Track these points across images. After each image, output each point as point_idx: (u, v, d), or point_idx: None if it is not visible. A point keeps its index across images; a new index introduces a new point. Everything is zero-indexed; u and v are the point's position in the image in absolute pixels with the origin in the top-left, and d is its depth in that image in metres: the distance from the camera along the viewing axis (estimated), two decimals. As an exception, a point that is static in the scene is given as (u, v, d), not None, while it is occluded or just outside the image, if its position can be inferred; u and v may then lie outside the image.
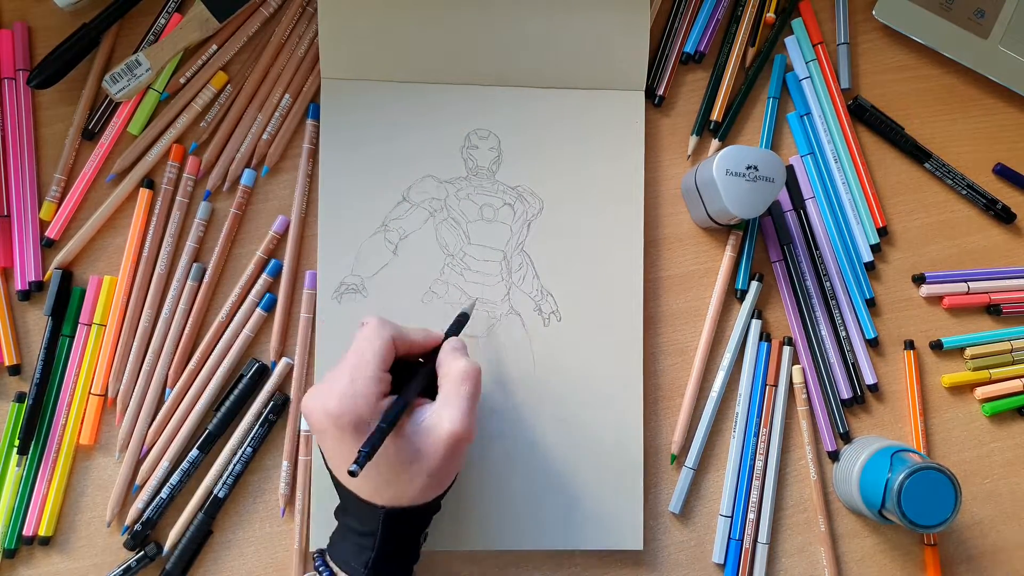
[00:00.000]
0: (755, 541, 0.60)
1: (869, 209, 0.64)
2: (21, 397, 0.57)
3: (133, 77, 0.57)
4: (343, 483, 0.48)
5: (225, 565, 0.57)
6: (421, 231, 0.59)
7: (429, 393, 0.49)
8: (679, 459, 0.61)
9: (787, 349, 0.62)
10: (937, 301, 0.64)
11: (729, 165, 0.56)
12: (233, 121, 0.60)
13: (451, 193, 0.60)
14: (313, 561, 0.49)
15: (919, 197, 0.65)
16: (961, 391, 0.64)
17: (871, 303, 0.63)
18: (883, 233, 0.64)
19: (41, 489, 0.56)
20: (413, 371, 0.50)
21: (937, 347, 0.63)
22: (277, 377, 0.58)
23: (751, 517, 0.60)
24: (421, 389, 0.49)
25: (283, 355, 0.59)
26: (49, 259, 0.58)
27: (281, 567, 0.57)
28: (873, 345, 0.63)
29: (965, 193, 0.65)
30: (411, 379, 0.49)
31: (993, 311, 0.64)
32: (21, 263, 0.58)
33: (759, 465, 0.61)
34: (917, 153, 0.65)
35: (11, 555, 0.56)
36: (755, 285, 0.62)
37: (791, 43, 0.65)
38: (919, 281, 0.64)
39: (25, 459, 0.56)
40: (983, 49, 0.65)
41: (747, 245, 0.62)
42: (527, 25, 0.60)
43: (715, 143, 0.63)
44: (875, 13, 0.64)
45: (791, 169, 0.64)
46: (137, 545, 0.56)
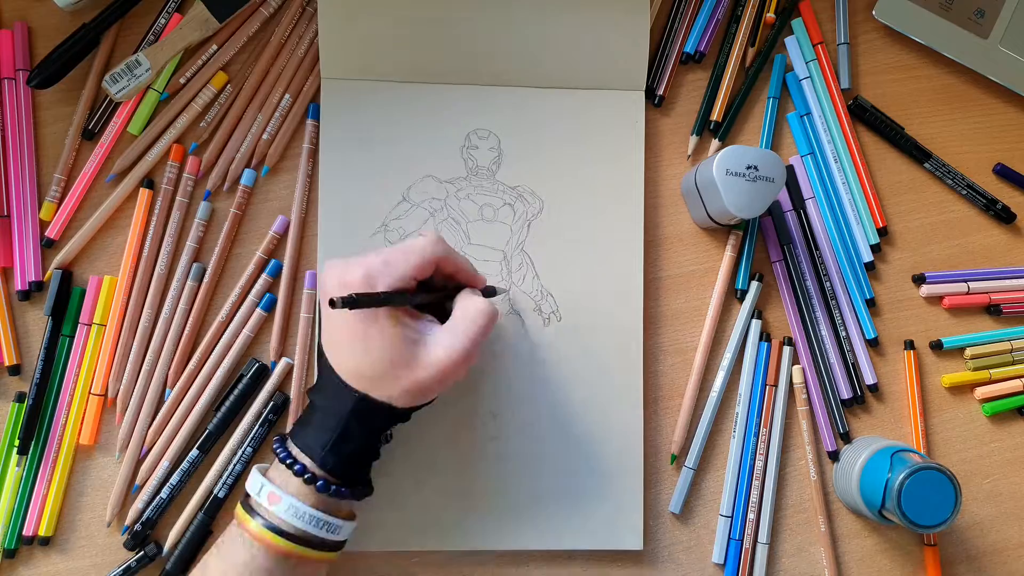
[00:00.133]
0: (755, 541, 0.60)
1: (869, 209, 0.64)
2: (21, 397, 0.57)
3: (133, 77, 0.57)
4: (328, 358, 0.48)
5: (225, 565, 0.57)
6: (421, 231, 0.59)
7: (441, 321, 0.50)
8: (679, 459, 0.61)
9: (787, 349, 0.62)
10: (937, 301, 0.64)
11: (729, 165, 0.56)
12: (233, 121, 0.60)
13: (451, 193, 0.60)
14: (273, 444, 0.49)
15: (919, 197, 0.65)
16: (961, 391, 0.64)
17: (871, 303, 0.63)
18: (883, 233, 0.64)
19: (41, 489, 0.56)
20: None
21: (937, 347, 0.63)
22: (277, 377, 0.58)
23: (751, 517, 0.60)
24: (431, 301, 0.50)
25: (283, 355, 0.59)
26: (49, 259, 0.58)
27: (281, 567, 0.57)
28: (873, 345, 0.63)
29: (965, 193, 0.65)
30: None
31: (993, 311, 0.64)
32: (21, 263, 0.58)
33: (759, 465, 0.61)
34: (917, 153, 0.65)
35: (11, 555, 0.56)
36: (755, 285, 0.62)
37: (791, 43, 0.65)
38: (919, 281, 0.64)
39: (25, 459, 0.56)
40: (983, 49, 0.65)
41: (747, 245, 0.62)
42: (527, 25, 0.60)
43: (715, 143, 0.63)
44: (875, 13, 0.64)
45: (791, 169, 0.64)
46: (137, 545, 0.56)
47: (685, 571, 0.60)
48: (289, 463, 0.47)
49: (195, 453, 0.57)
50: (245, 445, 0.57)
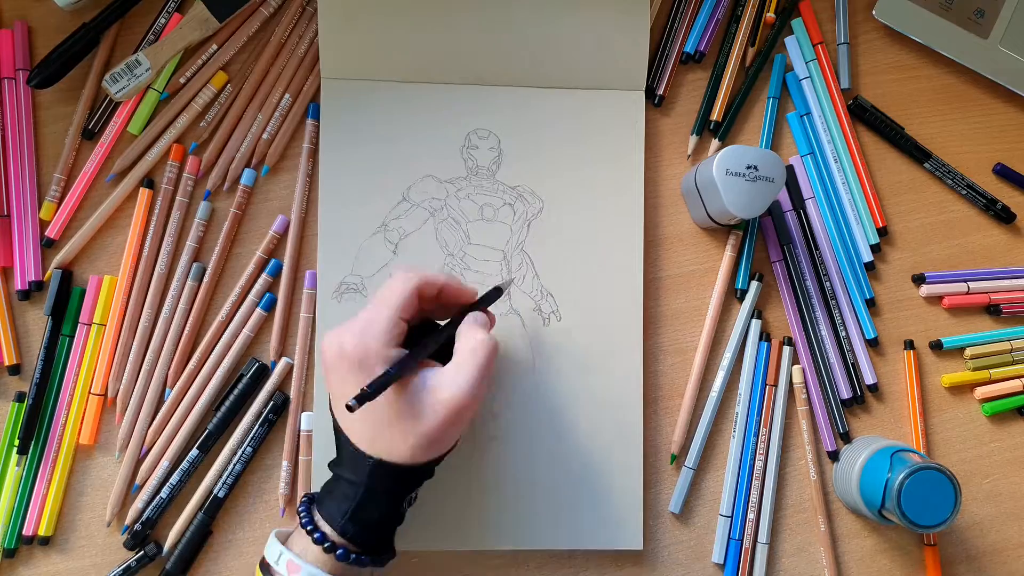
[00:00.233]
0: (755, 541, 0.60)
1: (869, 209, 0.64)
2: (21, 397, 0.57)
3: (133, 77, 0.57)
4: (341, 427, 0.48)
5: (225, 565, 0.57)
6: (421, 231, 0.59)
7: (444, 359, 0.49)
8: (679, 459, 0.61)
9: (787, 349, 0.62)
10: (937, 301, 0.64)
11: (729, 165, 0.56)
12: (233, 121, 0.60)
13: (451, 193, 0.60)
14: (298, 507, 0.49)
15: (919, 197, 0.65)
16: (961, 391, 0.64)
17: (871, 303, 0.63)
18: (883, 233, 0.64)
19: (41, 489, 0.56)
20: (432, 331, 0.50)
21: (937, 347, 0.63)
22: (277, 377, 0.58)
23: (751, 517, 0.60)
24: (435, 349, 0.49)
25: (283, 355, 0.59)
26: (49, 259, 0.58)
27: (281, 567, 0.57)
28: (873, 345, 0.63)
29: (965, 193, 0.65)
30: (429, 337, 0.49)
31: (993, 311, 0.64)
32: (21, 263, 0.58)
33: (759, 465, 0.61)
34: (917, 153, 0.65)
35: (11, 555, 0.56)
36: (755, 285, 0.62)
37: (791, 43, 0.65)
38: (919, 281, 0.64)
39: (25, 459, 0.56)
40: (983, 49, 0.65)
41: (747, 245, 0.62)
42: (527, 25, 0.60)
43: (715, 143, 0.63)
44: (875, 13, 0.64)
45: (791, 169, 0.64)
46: (137, 545, 0.56)
47: (685, 571, 0.60)
48: (310, 530, 0.47)
49: (195, 453, 0.57)
50: (245, 445, 0.57)
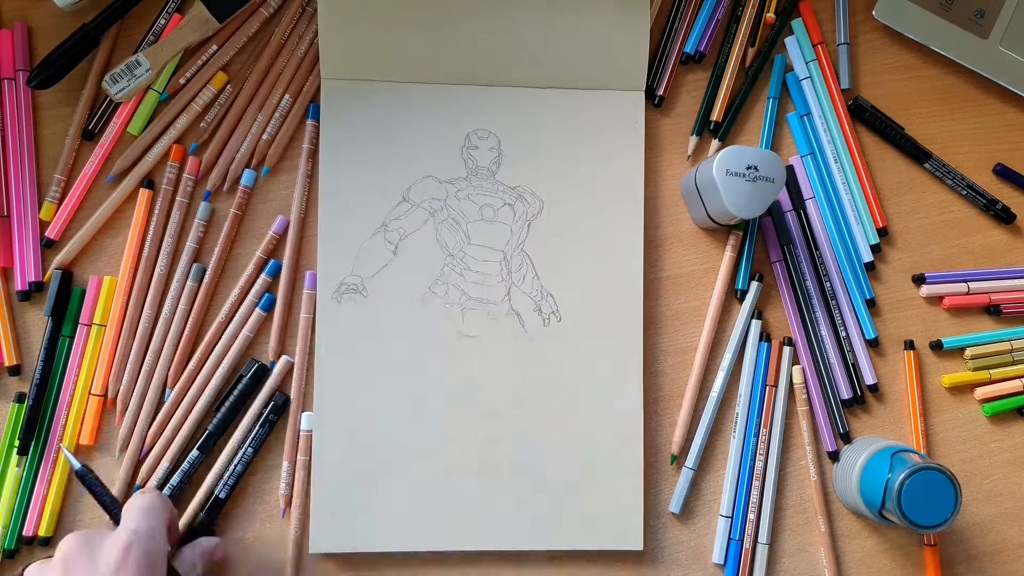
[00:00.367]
0: (755, 541, 0.60)
1: (869, 209, 0.64)
2: (21, 397, 0.57)
3: (133, 77, 0.57)
4: None
5: (226, 565, 0.57)
6: (421, 231, 0.59)
7: None
8: (679, 459, 0.61)
9: (787, 349, 0.62)
10: (937, 301, 0.64)
11: (729, 165, 0.56)
12: (233, 121, 0.60)
13: (451, 193, 0.60)
14: None
15: (919, 197, 0.65)
16: (961, 391, 0.64)
17: (871, 303, 0.63)
18: (883, 233, 0.64)
19: (41, 489, 0.56)
20: None
21: (937, 347, 0.63)
22: (276, 376, 0.58)
23: (751, 517, 0.60)
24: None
25: (283, 354, 0.59)
26: (49, 259, 0.58)
27: (282, 567, 0.57)
28: (873, 345, 0.63)
29: (965, 193, 0.65)
30: None
31: (993, 311, 0.64)
32: (21, 263, 0.58)
33: (759, 465, 0.61)
34: (917, 153, 0.65)
35: (11, 555, 0.56)
36: (755, 285, 0.62)
37: (791, 43, 0.65)
38: (919, 281, 0.64)
39: (25, 459, 0.56)
40: (983, 49, 0.65)
41: (747, 245, 0.62)
42: (527, 25, 0.60)
43: (715, 143, 0.63)
44: (875, 13, 0.64)
45: (791, 169, 0.64)
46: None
47: (685, 571, 0.60)
48: None
49: (195, 454, 0.57)
50: (246, 446, 0.57)
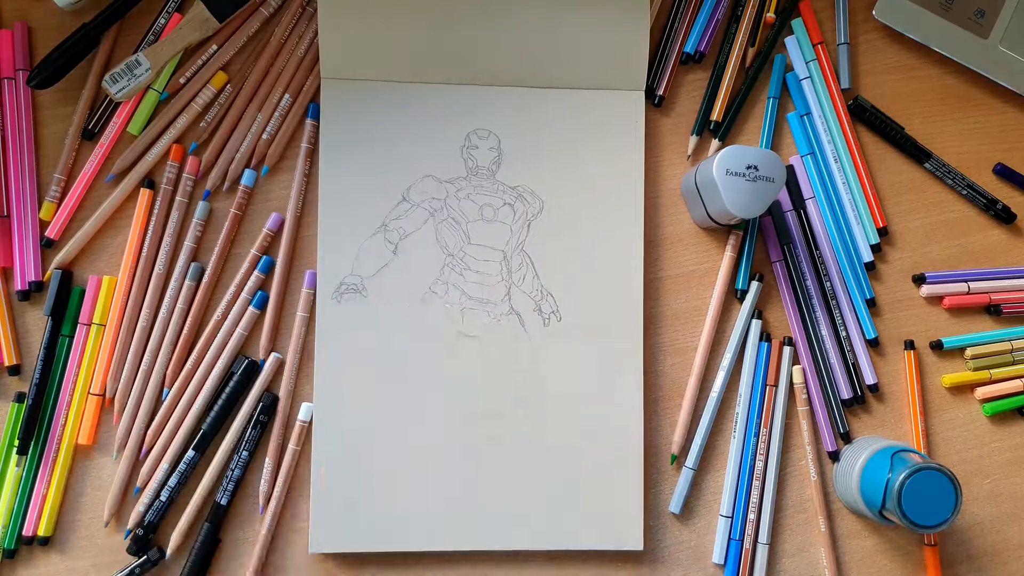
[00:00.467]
0: (755, 541, 0.60)
1: (869, 209, 0.64)
2: (21, 397, 0.57)
3: (133, 77, 0.57)
4: None
5: (227, 565, 0.57)
6: (421, 231, 0.59)
7: None
8: (679, 459, 0.61)
9: (787, 349, 0.62)
10: (937, 301, 0.64)
11: (729, 165, 0.56)
12: (233, 121, 0.60)
13: (451, 193, 0.60)
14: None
15: (919, 197, 0.65)
16: (961, 391, 0.64)
17: (871, 303, 0.63)
18: (883, 233, 0.64)
19: (40, 489, 0.56)
20: None
21: (937, 347, 0.63)
22: (267, 374, 0.58)
23: (751, 517, 0.60)
24: None
25: (272, 352, 0.58)
26: (49, 259, 0.58)
27: (282, 567, 0.57)
28: (873, 345, 0.63)
29: (965, 193, 0.65)
30: None
31: (993, 311, 0.64)
32: (21, 263, 0.58)
33: (759, 465, 0.61)
34: (917, 153, 0.65)
35: (11, 555, 0.56)
36: (755, 285, 0.62)
37: (791, 43, 0.65)
38: (919, 281, 0.64)
39: (25, 459, 0.56)
40: (983, 49, 0.65)
41: (747, 245, 0.62)
42: (527, 25, 0.60)
43: (715, 143, 0.63)
44: (875, 13, 0.64)
45: (791, 169, 0.64)
46: (140, 550, 0.56)
47: (685, 571, 0.60)
48: None
49: (191, 454, 0.57)
50: (241, 449, 0.57)
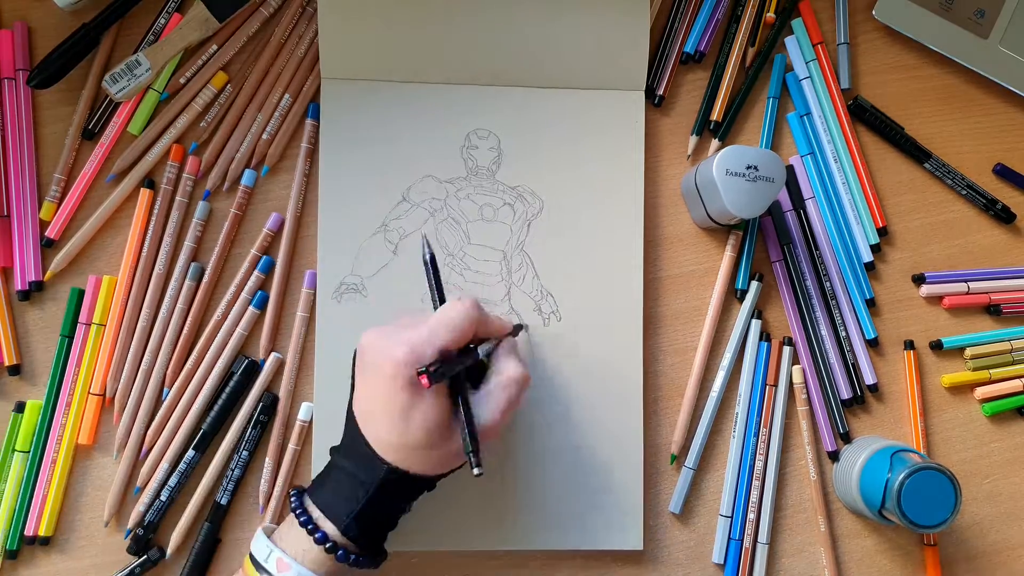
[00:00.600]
0: (755, 541, 0.60)
1: (869, 209, 0.64)
2: (20, 407, 0.57)
3: (133, 77, 0.57)
4: (360, 426, 0.47)
5: (227, 565, 0.57)
6: (421, 231, 0.59)
7: (474, 380, 0.49)
8: (679, 459, 0.61)
9: (787, 349, 0.62)
10: (937, 301, 0.64)
11: (729, 165, 0.56)
12: (233, 121, 0.60)
13: (451, 193, 0.60)
14: (289, 500, 0.49)
15: (919, 197, 0.65)
16: (961, 391, 0.64)
17: (871, 303, 0.63)
18: (883, 233, 0.64)
19: (41, 489, 0.56)
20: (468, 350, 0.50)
21: (937, 347, 0.63)
22: (267, 374, 0.58)
23: (751, 517, 0.60)
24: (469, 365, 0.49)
25: (272, 352, 0.58)
26: (49, 259, 0.58)
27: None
28: (873, 345, 0.63)
29: (965, 193, 0.65)
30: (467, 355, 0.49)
31: (993, 311, 0.64)
32: (21, 263, 0.58)
33: (759, 465, 0.61)
34: (917, 153, 0.65)
35: (13, 556, 0.56)
36: (755, 285, 0.62)
37: (791, 43, 0.65)
38: (919, 281, 0.64)
39: (26, 459, 0.56)
40: (983, 49, 0.65)
41: (747, 245, 0.62)
42: (527, 25, 0.60)
43: (715, 143, 0.63)
44: (875, 13, 0.64)
45: (791, 169, 0.63)
46: (140, 550, 0.56)
47: (685, 571, 0.60)
48: (310, 529, 0.46)
49: (191, 454, 0.57)
50: (241, 449, 0.57)
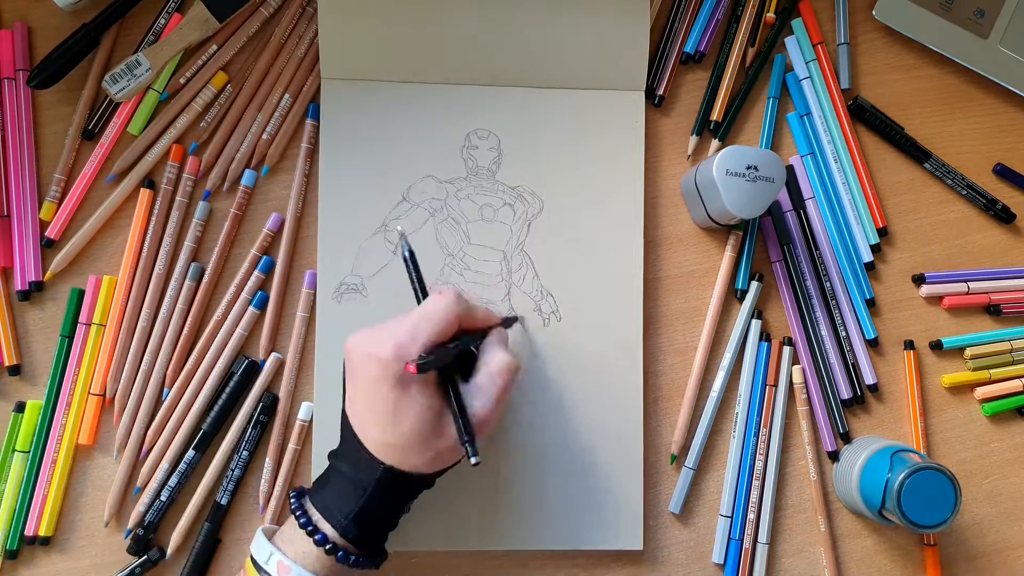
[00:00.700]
0: (755, 541, 0.60)
1: (869, 209, 0.64)
2: (21, 407, 0.57)
3: (133, 77, 0.57)
4: (354, 428, 0.47)
5: (227, 565, 0.57)
6: (421, 231, 0.59)
7: (463, 372, 0.49)
8: (679, 459, 0.61)
9: (787, 349, 0.62)
10: (937, 301, 0.64)
11: (729, 165, 0.56)
12: (233, 121, 0.60)
13: (451, 193, 0.60)
14: (288, 502, 0.49)
15: (919, 197, 0.65)
16: (961, 391, 0.64)
17: (871, 303, 0.63)
18: (883, 233, 0.64)
19: (41, 489, 0.56)
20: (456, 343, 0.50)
21: (937, 347, 0.63)
22: (267, 374, 0.58)
23: (751, 517, 0.60)
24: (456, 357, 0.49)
25: (274, 351, 0.58)
26: (49, 259, 0.58)
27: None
28: (873, 345, 0.63)
29: (965, 193, 0.65)
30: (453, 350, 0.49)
31: (993, 311, 0.64)
32: (21, 263, 0.58)
33: (759, 465, 0.61)
34: (917, 153, 0.65)
35: (13, 556, 0.56)
36: (755, 285, 0.62)
37: (791, 43, 0.65)
38: (919, 281, 0.64)
39: (26, 459, 0.56)
40: (983, 49, 0.65)
41: (747, 245, 0.62)
42: (527, 25, 0.60)
43: (715, 143, 0.63)
44: (875, 13, 0.64)
45: (791, 169, 0.63)
46: (140, 550, 0.56)
47: (685, 571, 0.60)
48: (310, 531, 0.46)
49: (192, 454, 0.57)
50: (241, 449, 0.57)
